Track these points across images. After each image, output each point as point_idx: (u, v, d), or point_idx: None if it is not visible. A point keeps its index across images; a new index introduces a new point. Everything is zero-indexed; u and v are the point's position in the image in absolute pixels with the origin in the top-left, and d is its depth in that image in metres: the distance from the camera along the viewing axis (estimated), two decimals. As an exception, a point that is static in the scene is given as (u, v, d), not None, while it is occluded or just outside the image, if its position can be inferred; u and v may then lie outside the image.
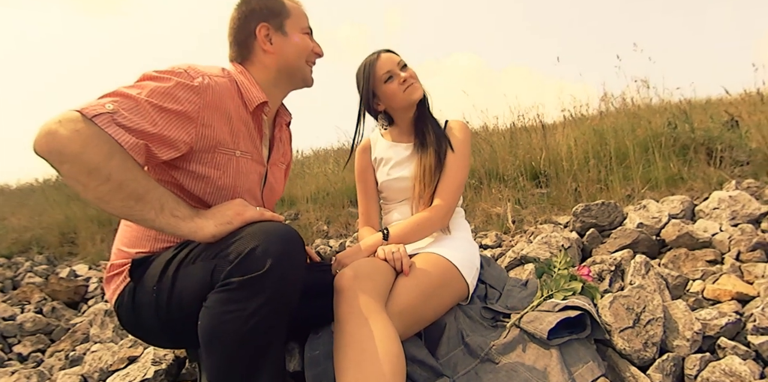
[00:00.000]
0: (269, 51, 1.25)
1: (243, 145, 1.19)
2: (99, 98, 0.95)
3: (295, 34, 1.27)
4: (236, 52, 1.28)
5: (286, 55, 1.26)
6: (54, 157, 0.88)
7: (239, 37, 1.26)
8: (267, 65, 1.26)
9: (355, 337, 1.00)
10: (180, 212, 0.97)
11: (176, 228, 0.96)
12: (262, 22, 1.24)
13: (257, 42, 1.24)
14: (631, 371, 1.28)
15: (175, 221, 0.96)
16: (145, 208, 0.93)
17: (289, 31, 1.26)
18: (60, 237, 5.23)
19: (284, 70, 1.27)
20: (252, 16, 1.24)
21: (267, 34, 1.24)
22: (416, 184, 1.50)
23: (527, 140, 3.56)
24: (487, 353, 1.28)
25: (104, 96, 0.96)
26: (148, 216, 0.94)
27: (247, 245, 0.90)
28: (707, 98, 4.51)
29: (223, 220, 0.98)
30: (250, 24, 1.24)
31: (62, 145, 0.86)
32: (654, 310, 1.34)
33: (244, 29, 1.25)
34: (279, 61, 1.26)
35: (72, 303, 3.20)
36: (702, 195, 2.65)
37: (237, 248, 0.91)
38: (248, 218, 1.00)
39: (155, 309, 1.04)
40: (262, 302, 0.88)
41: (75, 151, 0.87)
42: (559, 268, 1.41)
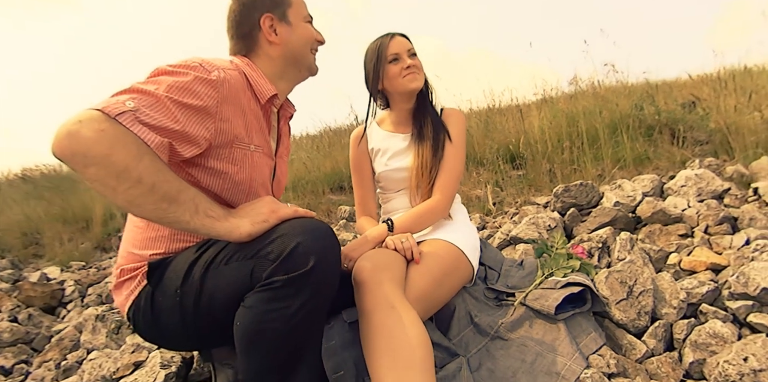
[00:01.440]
0: (275, 42, 1.22)
1: (256, 140, 1.17)
2: (115, 95, 0.90)
3: (298, 24, 1.26)
4: (240, 44, 1.25)
5: (291, 46, 1.24)
6: (78, 160, 0.81)
7: (242, 30, 1.23)
8: (273, 57, 1.23)
9: (383, 326, 1.04)
10: (214, 211, 0.94)
11: (212, 228, 0.93)
12: (265, 13, 1.21)
13: (262, 33, 1.22)
14: (628, 339, 1.39)
15: (211, 222, 0.93)
16: (179, 209, 0.89)
17: (292, 20, 1.24)
18: (22, 238, 4.98)
19: (290, 61, 1.25)
20: (254, 6, 1.22)
21: (271, 24, 1.21)
22: (414, 175, 1.55)
23: (503, 124, 3.66)
24: (496, 331, 1.36)
25: (120, 93, 0.91)
26: (183, 218, 0.90)
27: (288, 243, 0.89)
28: (670, 80, 4.74)
29: (258, 218, 0.96)
30: (253, 15, 1.21)
31: (87, 147, 0.81)
32: (644, 282, 1.45)
33: (247, 21, 1.22)
34: (285, 52, 1.24)
35: (48, 308, 3.04)
36: (667, 173, 2.82)
37: (278, 246, 0.90)
38: (283, 216, 0.98)
39: (179, 312, 1.01)
40: (306, 300, 0.89)
41: (102, 152, 0.81)
42: (556, 247, 1.50)
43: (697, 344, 1.35)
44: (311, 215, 1.02)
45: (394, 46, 1.53)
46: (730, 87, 3.19)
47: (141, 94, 0.90)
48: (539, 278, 1.45)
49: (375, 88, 1.59)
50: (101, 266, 3.94)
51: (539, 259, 1.54)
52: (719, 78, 3.45)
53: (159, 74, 0.98)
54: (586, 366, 1.21)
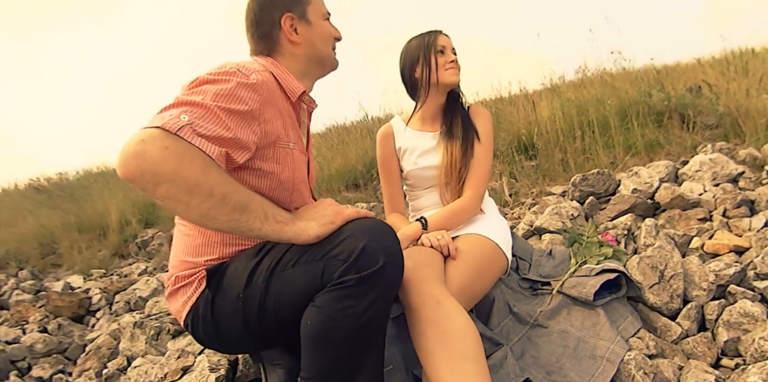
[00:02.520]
0: (296, 41, 1.22)
1: (293, 137, 1.19)
2: (164, 111, 0.91)
3: (318, 22, 1.25)
4: (261, 45, 1.24)
5: (313, 44, 1.24)
6: (148, 179, 0.82)
7: (263, 30, 1.22)
8: (296, 55, 1.23)
9: (433, 321, 1.09)
10: (281, 216, 0.97)
11: (282, 233, 0.95)
12: (286, 13, 1.20)
13: (282, 33, 1.21)
14: (663, 321, 1.45)
15: (280, 227, 0.95)
16: (251, 218, 0.91)
17: (312, 18, 1.24)
18: (39, 248, 5.01)
19: (314, 59, 1.26)
20: (274, 6, 1.21)
21: (292, 24, 1.21)
22: (444, 174, 1.60)
23: (513, 114, 3.71)
24: (535, 320, 1.42)
25: (170, 107, 0.91)
26: (254, 225, 0.92)
27: (357, 243, 0.92)
28: (670, 64, 4.77)
29: (325, 220, 0.99)
30: (273, 15, 1.21)
31: (156, 165, 0.81)
32: (675, 266, 1.51)
33: (267, 21, 1.22)
34: (307, 51, 1.24)
35: (76, 318, 3.05)
36: (679, 159, 2.87)
37: (347, 247, 0.93)
38: (347, 217, 1.01)
39: (242, 316, 1.03)
40: (376, 297, 0.92)
41: (171, 169, 0.81)
42: (588, 236, 1.55)
43: (730, 324, 1.40)
44: (372, 216, 1.05)
45: (443, 40, 1.60)
46: (740, 70, 3.23)
47: (191, 106, 0.91)
48: (573, 266, 1.50)
49: (412, 77, 1.64)
50: (122, 273, 3.99)
51: (571, 248, 1.58)
52: (726, 61, 3.49)
53: (201, 84, 0.99)
54: (628, 349, 1.26)
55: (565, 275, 1.48)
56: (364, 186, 3.78)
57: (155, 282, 2.91)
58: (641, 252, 1.68)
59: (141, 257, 4.43)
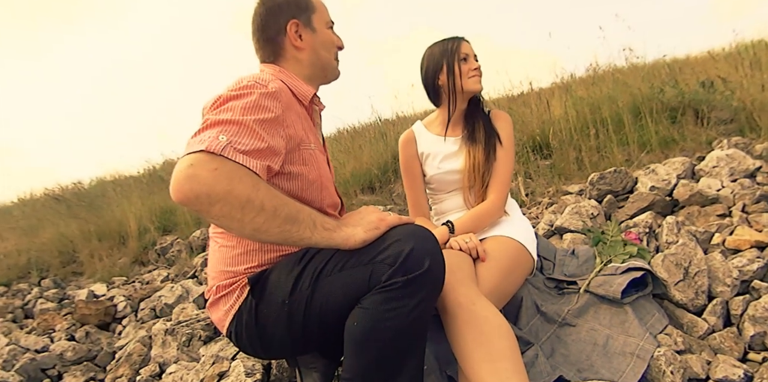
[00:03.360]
0: (300, 47, 1.26)
1: (312, 139, 1.24)
2: (200, 133, 0.95)
3: (322, 29, 1.29)
4: (267, 51, 1.29)
5: (316, 50, 1.28)
6: (203, 200, 0.87)
7: (268, 34, 1.27)
8: (300, 60, 1.28)
9: (470, 322, 1.12)
10: (329, 223, 1.01)
11: (330, 239, 1.00)
12: (291, 19, 1.25)
13: (287, 38, 1.26)
14: (689, 318, 1.47)
15: (329, 234, 1.00)
16: (301, 228, 0.96)
17: (316, 26, 1.28)
18: (60, 257, 5.10)
19: (317, 65, 1.30)
20: (280, 11, 1.25)
21: (297, 30, 1.25)
22: (467, 178, 1.63)
23: (526, 114, 3.73)
24: (563, 319, 1.45)
25: (204, 129, 0.96)
26: (305, 235, 0.97)
27: (403, 247, 0.97)
28: (681, 58, 4.77)
29: (370, 226, 1.03)
30: (279, 20, 1.25)
31: (209, 187, 0.86)
32: (698, 263, 1.53)
33: (273, 25, 1.26)
34: (311, 56, 1.28)
35: (103, 325, 3.09)
36: (694, 154, 2.88)
37: (393, 251, 0.97)
38: (391, 223, 1.05)
39: (287, 322, 1.07)
40: (421, 298, 0.97)
41: (224, 189, 0.86)
42: (612, 235, 1.58)
43: (755, 318, 1.42)
44: (412, 222, 1.09)
45: (465, 48, 1.63)
46: (753, 64, 3.22)
47: (224, 125, 0.96)
48: (599, 265, 1.53)
49: (434, 82, 1.67)
50: (143, 280, 4.05)
51: (596, 247, 1.61)
52: (739, 54, 3.48)
53: (225, 101, 1.03)
54: (657, 345, 1.29)
55: (591, 274, 1.51)
56: (379, 189, 3.81)
57: (180, 289, 2.96)
58: (664, 250, 1.70)
59: (161, 263, 4.50)
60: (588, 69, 4.35)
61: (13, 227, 6.51)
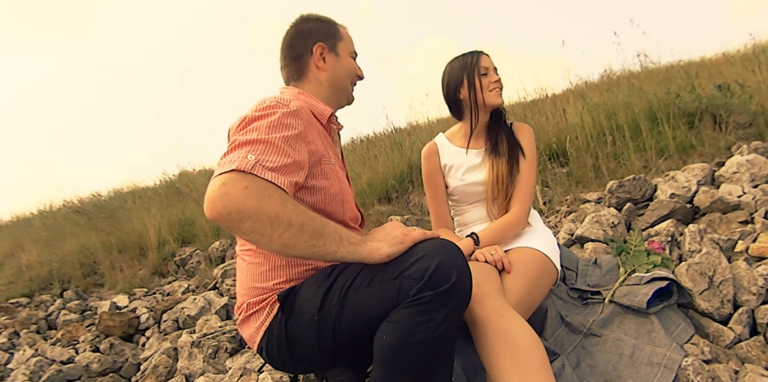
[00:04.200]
0: (321, 68, 1.36)
1: (332, 155, 1.31)
2: (230, 154, 1.01)
3: (345, 56, 1.40)
4: (291, 67, 1.38)
5: (337, 74, 1.38)
6: (234, 217, 0.92)
7: (294, 52, 1.37)
8: (321, 80, 1.37)
9: (499, 334, 1.14)
10: (353, 238, 1.05)
11: (356, 253, 1.03)
12: (318, 42, 1.36)
13: (312, 58, 1.36)
14: (715, 327, 1.47)
15: (354, 248, 1.03)
16: (327, 242, 1.00)
17: (340, 52, 1.39)
18: (81, 269, 5.17)
19: (335, 87, 1.39)
20: (310, 34, 1.37)
21: (321, 52, 1.36)
22: (490, 190, 1.65)
23: (541, 121, 3.73)
24: (588, 329, 1.45)
25: (233, 150, 1.02)
26: (331, 249, 1.00)
27: (430, 262, 0.99)
28: (695, 60, 4.75)
29: (395, 241, 1.06)
30: (307, 42, 1.36)
31: (240, 204, 0.91)
32: (723, 272, 1.53)
33: (300, 45, 1.37)
34: (330, 78, 1.37)
35: (126, 337, 3.15)
36: (713, 160, 2.86)
37: (420, 266, 1.00)
38: (415, 238, 1.07)
39: (317, 337, 1.09)
40: (449, 311, 0.99)
41: (254, 206, 0.92)
42: (635, 245, 1.58)
43: (783, 327, 1.41)
44: (437, 236, 1.11)
45: (485, 61, 1.66)
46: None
47: (252, 145, 1.02)
48: (623, 275, 1.53)
49: (456, 97, 1.70)
50: (164, 291, 4.09)
51: (619, 257, 1.62)
52: (756, 56, 3.45)
53: (250, 122, 1.10)
54: (684, 355, 1.29)
55: (616, 284, 1.52)
56: (396, 199, 3.83)
57: (202, 300, 3.00)
58: (687, 258, 1.70)
59: (180, 275, 4.55)
60: (602, 75, 4.33)
61: (36, 239, 6.62)
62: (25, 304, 4.71)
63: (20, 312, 4.34)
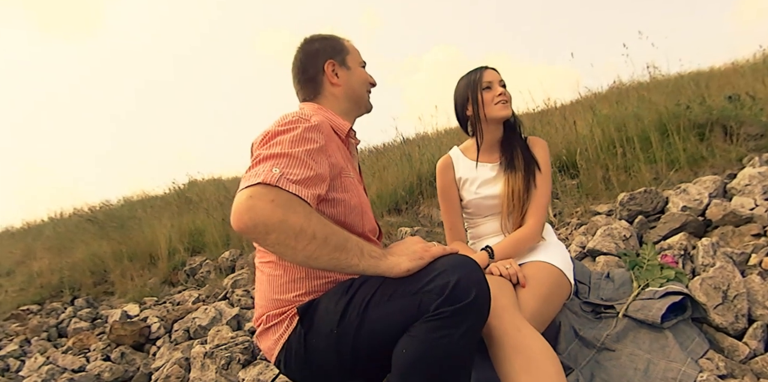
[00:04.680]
0: (336, 83, 1.40)
1: (351, 169, 1.34)
2: (254, 168, 1.04)
3: (356, 68, 1.45)
4: (307, 89, 1.43)
5: (351, 86, 1.42)
6: (260, 229, 0.95)
7: (308, 74, 1.42)
8: (337, 96, 1.41)
9: (516, 348, 1.14)
10: (375, 252, 1.07)
11: (376, 267, 1.05)
12: (328, 59, 1.40)
13: (326, 76, 1.40)
14: (729, 342, 1.47)
15: (375, 262, 1.05)
16: (349, 256, 1.02)
17: (350, 65, 1.43)
18: (92, 277, 5.20)
19: (352, 99, 1.43)
20: (319, 54, 1.41)
21: (333, 69, 1.40)
22: (506, 204, 1.66)
23: (550, 133, 3.74)
24: (602, 343, 1.45)
25: (257, 164, 1.05)
26: (353, 262, 1.03)
27: (451, 277, 1.01)
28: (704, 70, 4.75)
29: (414, 256, 1.07)
30: (318, 61, 1.40)
31: (266, 217, 0.94)
32: (737, 286, 1.53)
33: (312, 66, 1.41)
34: (346, 92, 1.41)
35: (137, 346, 3.17)
36: (724, 172, 2.85)
37: (441, 281, 1.01)
38: (435, 254, 1.09)
39: (335, 350, 1.11)
40: (468, 326, 1.01)
41: (279, 218, 0.94)
42: (648, 259, 1.59)
43: (799, 342, 1.41)
44: (456, 252, 1.12)
45: (488, 76, 1.68)
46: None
47: (276, 159, 1.05)
48: (636, 289, 1.54)
49: (464, 115, 1.73)
50: (174, 301, 4.11)
51: (632, 271, 1.62)
52: (765, 66, 3.44)
53: (274, 136, 1.14)
54: (699, 370, 1.29)
55: (629, 299, 1.52)
56: (406, 210, 3.84)
57: (213, 311, 3.02)
58: (700, 272, 1.70)
59: (190, 284, 4.57)
60: (612, 87, 4.35)
61: (48, 247, 6.68)
62: (36, 311, 4.74)
63: (31, 319, 4.38)
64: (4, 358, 3.34)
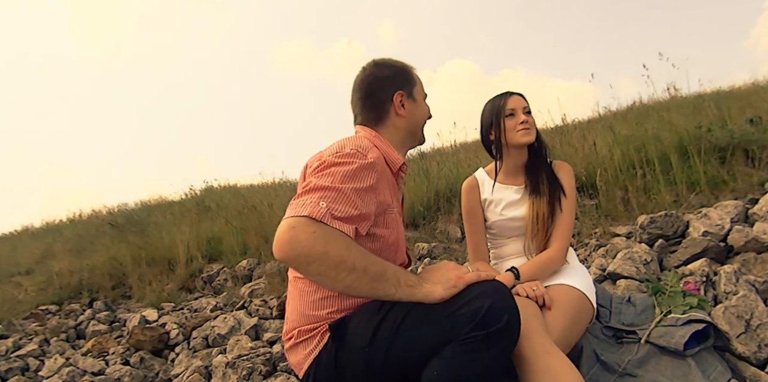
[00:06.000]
0: (402, 115, 1.41)
1: (395, 203, 1.37)
2: (304, 195, 1.09)
3: (420, 101, 1.46)
4: (371, 114, 1.42)
5: (414, 119, 1.44)
6: (302, 260, 1.00)
7: (374, 100, 1.41)
8: (399, 127, 1.42)
9: (547, 371, 1.17)
10: (411, 280, 1.11)
11: (412, 296, 1.09)
12: (398, 90, 1.40)
13: (393, 107, 1.40)
14: (752, 371, 1.48)
15: (411, 291, 1.09)
16: (387, 285, 1.07)
17: (417, 97, 1.45)
18: (111, 280, 5.26)
19: (411, 132, 1.45)
20: (390, 83, 1.41)
21: (401, 100, 1.41)
22: (530, 227, 1.69)
23: (570, 153, 3.76)
24: (624, 369, 1.47)
25: (308, 192, 1.09)
26: (390, 291, 1.08)
27: (484, 302, 1.05)
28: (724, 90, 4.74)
29: (449, 284, 1.11)
30: (388, 90, 1.40)
31: (308, 249, 0.98)
32: (760, 315, 1.54)
33: (380, 93, 1.41)
34: (408, 124, 1.43)
35: (155, 351, 3.21)
36: (746, 196, 2.85)
37: (473, 306, 1.05)
38: (468, 281, 1.12)
39: (364, 368, 1.15)
40: (499, 350, 1.04)
41: (320, 251, 0.99)
42: (671, 285, 1.61)
43: (822, 374, 1.41)
44: (491, 278, 1.16)
45: (512, 103, 1.71)
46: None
47: (325, 191, 1.09)
48: (658, 315, 1.55)
49: (488, 139, 1.78)
50: (192, 307, 4.16)
51: (654, 296, 1.64)
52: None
53: (328, 167, 1.17)
54: (722, 400, 1.30)
55: (652, 325, 1.54)
56: (423, 226, 3.87)
57: (232, 320, 3.06)
58: (723, 300, 1.71)
59: (207, 291, 4.64)
60: (631, 106, 4.36)
61: (68, 248, 6.80)
62: (55, 311, 4.82)
63: (50, 320, 4.45)
64: (23, 357, 3.39)
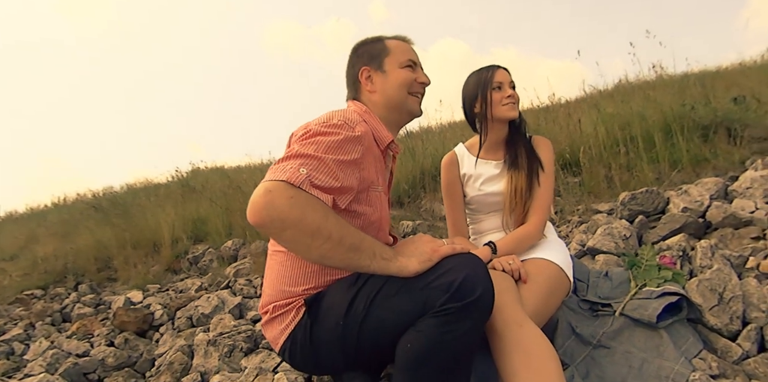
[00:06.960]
0: (371, 90, 1.40)
1: (380, 181, 1.35)
2: (285, 161, 1.06)
3: (393, 70, 1.39)
4: (351, 91, 1.46)
5: (386, 91, 1.38)
6: (276, 225, 0.97)
7: (349, 80, 1.46)
8: (375, 102, 1.40)
9: (517, 344, 1.17)
10: (386, 253, 1.10)
11: (386, 269, 1.08)
12: (363, 66, 1.40)
13: (362, 84, 1.41)
14: (723, 343, 1.50)
15: (386, 263, 1.08)
16: (362, 256, 1.06)
17: (388, 68, 1.39)
18: (96, 263, 5.24)
19: (390, 105, 1.40)
20: (356, 61, 1.43)
21: (368, 76, 1.40)
22: (508, 201, 1.69)
23: (554, 130, 3.76)
24: (598, 341, 1.49)
25: (289, 158, 1.07)
26: (364, 263, 1.06)
27: (457, 275, 1.04)
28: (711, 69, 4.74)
29: (423, 257, 1.10)
30: (355, 68, 1.43)
31: (285, 214, 0.96)
32: (733, 288, 1.55)
33: (351, 73, 1.44)
34: (383, 98, 1.39)
35: (140, 332, 3.21)
36: (726, 173, 2.87)
37: (447, 279, 1.04)
38: (443, 254, 1.11)
39: (340, 342, 1.14)
40: (473, 322, 1.05)
41: (296, 217, 0.97)
42: (647, 259, 1.62)
43: (791, 345, 1.44)
44: (466, 251, 1.15)
45: (499, 76, 1.69)
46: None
47: (307, 159, 1.06)
48: (633, 289, 1.57)
49: (472, 112, 1.75)
50: (177, 288, 4.15)
51: (630, 270, 1.65)
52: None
53: (313, 135, 1.14)
54: (692, 370, 1.32)
55: (626, 298, 1.55)
56: (408, 204, 3.87)
57: (216, 299, 3.06)
58: (698, 273, 1.73)
59: (193, 272, 4.61)
60: (617, 85, 4.35)
61: (52, 233, 6.73)
62: (40, 296, 4.78)
63: (35, 304, 4.42)
64: (8, 342, 3.37)
